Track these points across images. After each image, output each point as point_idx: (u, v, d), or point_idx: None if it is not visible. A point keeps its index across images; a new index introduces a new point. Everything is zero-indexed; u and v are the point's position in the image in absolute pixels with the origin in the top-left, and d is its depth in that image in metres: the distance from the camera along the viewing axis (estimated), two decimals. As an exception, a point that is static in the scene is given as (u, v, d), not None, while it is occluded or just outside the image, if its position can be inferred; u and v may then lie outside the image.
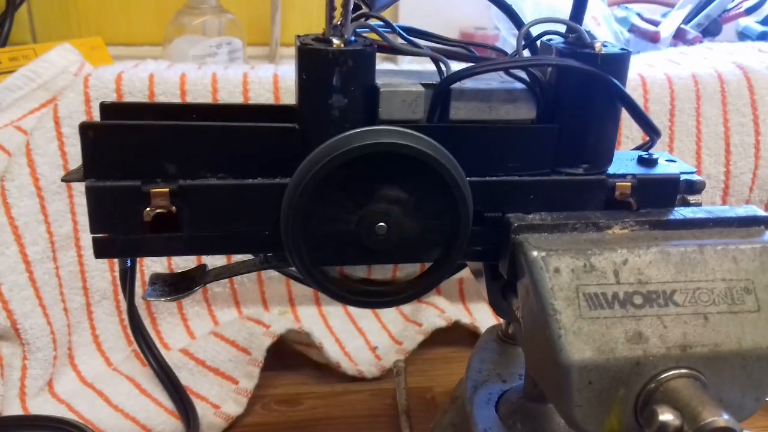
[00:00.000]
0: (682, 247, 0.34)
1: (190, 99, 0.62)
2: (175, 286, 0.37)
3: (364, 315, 0.72)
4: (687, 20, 1.01)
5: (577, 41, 0.34)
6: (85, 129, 0.31)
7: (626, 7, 1.10)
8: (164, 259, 0.65)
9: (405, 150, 0.31)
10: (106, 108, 0.35)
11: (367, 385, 0.64)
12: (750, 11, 1.04)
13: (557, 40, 0.35)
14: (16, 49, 0.77)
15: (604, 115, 0.34)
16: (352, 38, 0.32)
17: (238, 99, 0.63)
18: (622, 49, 0.34)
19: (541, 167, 0.35)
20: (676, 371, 0.32)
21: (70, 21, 0.91)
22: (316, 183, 0.31)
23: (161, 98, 0.61)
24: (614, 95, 0.33)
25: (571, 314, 0.32)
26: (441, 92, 0.33)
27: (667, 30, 0.97)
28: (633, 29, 1.01)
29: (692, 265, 0.33)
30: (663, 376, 0.32)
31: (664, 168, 0.37)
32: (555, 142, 0.34)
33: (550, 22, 0.35)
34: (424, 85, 0.33)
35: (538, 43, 0.36)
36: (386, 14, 1.07)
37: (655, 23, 1.04)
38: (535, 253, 0.33)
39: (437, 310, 0.69)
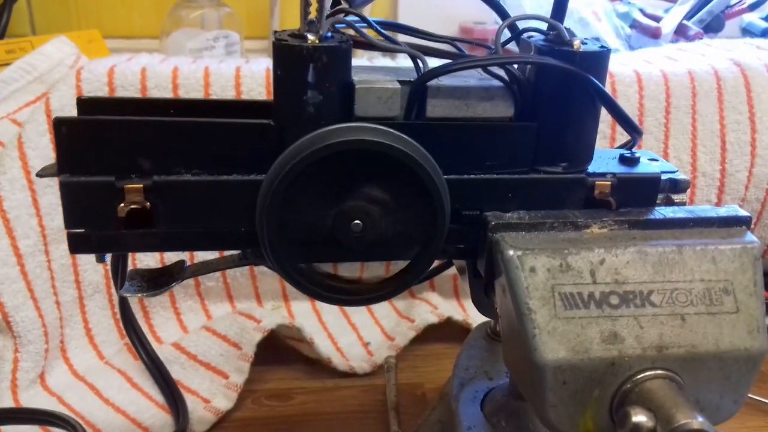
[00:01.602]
0: (660, 247, 0.33)
1: (182, 93, 0.62)
2: (153, 282, 0.37)
3: (357, 310, 0.72)
4: (689, 16, 1.00)
5: (556, 39, 0.34)
6: (59, 124, 0.31)
7: (628, 2, 1.09)
8: (156, 252, 0.66)
9: (379, 147, 0.31)
10: (83, 102, 0.35)
11: (358, 381, 0.64)
12: (753, 7, 1.03)
13: (537, 37, 0.35)
14: (13, 42, 0.77)
15: (582, 114, 0.34)
16: (328, 34, 0.32)
17: (230, 93, 0.63)
18: (601, 47, 0.33)
19: (520, 165, 0.34)
20: (652, 372, 0.32)
21: (69, 13, 0.91)
22: (291, 180, 0.31)
23: (153, 92, 0.61)
24: (593, 93, 0.33)
25: (546, 314, 0.32)
26: (417, 89, 0.33)
27: (668, 26, 0.96)
28: (634, 25, 1.01)
29: (670, 266, 0.33)
30: (638, 377, 0.32)
31: (645, 167, 0.36)
32: (534, 141, 0.34)
33: (530, 18, 0.34)
34: (400, 82, 0.33)
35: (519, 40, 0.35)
36: (384, 9, 1.07)
37: (657, 19, 1.03)
38: (510, 252, 0.33)
39: (430, 306, 0.69)
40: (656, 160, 0.37)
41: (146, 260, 0.65)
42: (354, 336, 0.69)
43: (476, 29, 0.96)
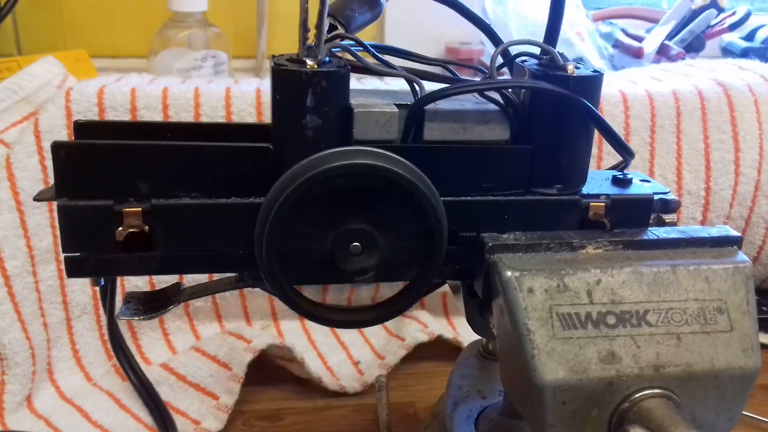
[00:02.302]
0: (655, 267, 0.34)
1: (172, 113, 0.62)
2: (150, 305, 0.36)
3: (347, 329, 0.72)
4: (671, 36, 1.01)
5: (550, 63, 0.34)
6: (57, 149, 0.31)
7: (610, 23, 1.11)
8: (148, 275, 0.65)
9: (378, 171, 0.31)
10: (81, 126, 0.35)
11: (349, 401, 0.64)
12: (734, 27, 1.05)
13: (531, 61, 0.36)
14: (0, 62, 0.76)
15: (577, 136, 0.34)
16: (327, 59, 0.32)
17: (220, 113, 0.63)
18: (594, 71, 0.34)
19: (516, 187, 0.35)
20: (650, 391, 0.32)
21: (55, 33, 0.91)
22: (290, 203, 0.31)
23: (143, 112, 0.61)
24: (587, 116, 0.34)
25: (544, 334, 0.32)
26: (415, 113, 0.33)
27: (650, 46, 0.98)
28: (617, 45, 1.02)
29: (665, 285, 0.34)
30: (636, 396, 0.32)
31: (637, 188, 0.37)
32: (529, 163, 0.34)
33: (524, 44, 0.35)
34: (398, 105, 0.33)
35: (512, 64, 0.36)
36: (371, 29, 1.07)
37: (639, 39, 1.04)
38: (509, 273, 0.33)
39: (420, 325, 0.69)
40: (648, 181, 0.38)
41: (135, 282, 0.65)
42: (344, 355, 0.69)
43: (462, 49, 0.97)
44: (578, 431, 0.33)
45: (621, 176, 0.37)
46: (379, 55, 0.36)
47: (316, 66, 0.32)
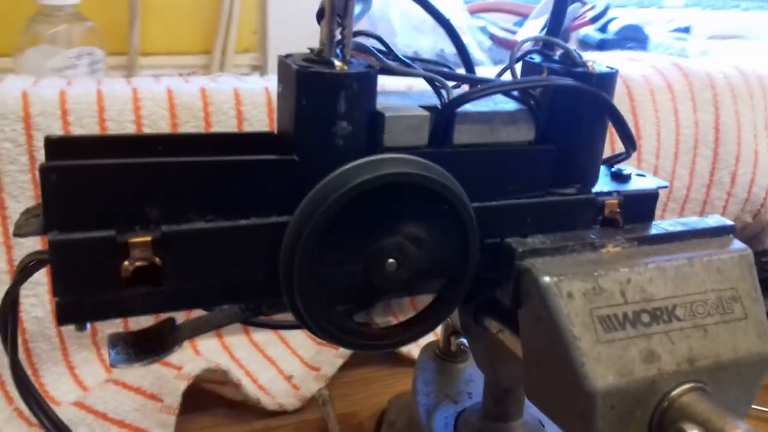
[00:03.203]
0: (674, 261, 0.34)
1: (72, 119, 0.55)
2: (140, 347, 0.32)
3: (270, 342, 0.68)
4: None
5: (566, 60, 0.33)
6: (48, 172, 0.26)
7: (478, 16, 1.13)
8: (45, 301, 0.58)
9: (423, 181, 0.29)
10: (53, 143, 0.29)
11: (288, 419, 0.60)
12: (595, 20, 1.11)
13: (538, 59, 0.35)
14: None
15: (595, 134, 0.34)
16: (352, 60, 0.29)
17: (128, 118, 0.57)
18: (609, 67, 0.34)
19: (538, 189, 0.34)
20: (686, 386, 0.33)
21: None
22: (327, 218, 0.28)
23: (38, 119, 0.54)
24: (608, 114, 0.33)
25: (590, 339, 0.31)
26: (446, 116, 0.31)
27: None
28: (494, 38, 1.05)
29: (686, 279, 0.34)
30: (675, 392, 0.32)
31: (639, 182, 0.37)
32: (551, 163, 0.33)
33: (542, 40, 0.34)
34: (424, 108, 0.31)
35: (520, 63, 0.35)
36: (253, 23, 1.02)
37: (511, 32, 1.08)
38: (547, 279, 0.32)
39: (352, 331, 0.66)
40: (643, 175, 0.38)
41: (34, 311, 0.57)
42: (273, 370, 0.65)
43: (349, 43, 0.95)
44: (623, 433, 0.32)
45: (618, 171, 0.37)
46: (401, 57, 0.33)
47: (345, 67, 0.29)
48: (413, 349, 0.66)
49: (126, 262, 0.27)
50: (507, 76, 0.34)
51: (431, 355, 0.54)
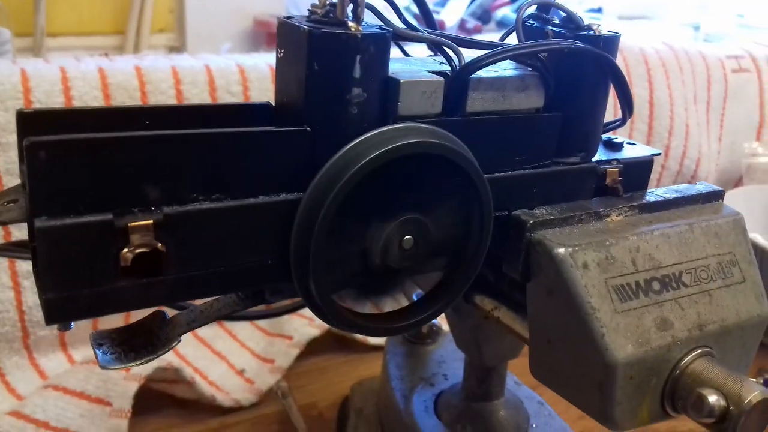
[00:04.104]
0: (677, 227, 0.34)
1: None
2: (129, 345, 0.28)
3: (217, 336, 0.65)
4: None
5: (568, 24, 0.32)
6: (35, 148, 0.22)
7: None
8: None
9: (446, 152, 0.27)
10: (26, 118, 0.25)
11: (245, 415, 0.57)
12: (513, 0, 1.12)
13: (535, 23, 0.33)
14: None
15: (600, 101, 0.33)
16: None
17: (58, 100, 0.52)
18: (610, 31, 0.33)
19: (544, 158, 0.33)
20: (696, 352, 0.32)
21: None
22: (347, 193, 0.26)
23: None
24: (613, 79, 0.32)
25: (607, 310, 0.31)
26: (460, 82, 0.29)
27: (452, 19, 1.01)
28: (417, 17, 1.03)
29: (688, 245, 0.34)
30: (686, 358, 0.32)
31: (633, 150, 0.37)
32: (558, 131, 0.32)
33: (544, 4, 0.32)
34: (434, 73, 0.29)
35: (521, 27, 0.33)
36: (169, 2, 0.97)
37: (434, 12, 1.07)
38: (561, 250, 0.31)
39: (305, 319, 0.64)
40: (632, 143, 0.38)
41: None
42: (224, 366, 0.62)
43: (274, 22, 0.92)
44: (639, 404, 0.32)
45: (610, 140, 0.37)
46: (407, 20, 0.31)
47: (360, 29, 0.26)
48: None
49: (125, 249, 0.24)
50: (510, 41, 0.33)
51: (400, 338, 0.53)
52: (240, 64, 0.59)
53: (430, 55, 0.35)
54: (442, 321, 0.54)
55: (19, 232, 0.53)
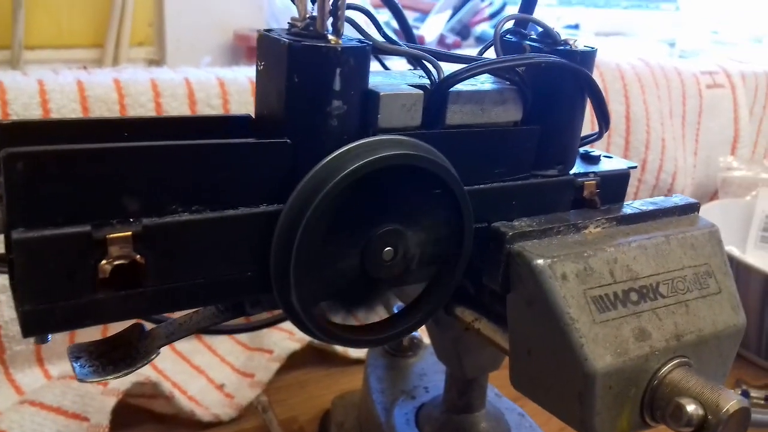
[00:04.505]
0: (653, 239, 0.34)
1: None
2: (107, 358, 0.28)
3: (196, 351, 0.64)
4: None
5: (545, 39, 0.33)
6: (13, 160, 0.22)
7: (381, 12, 1.13)
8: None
9: (426, 164, 0.27)
10: (5, 128, 0.25)
11: (224, 430, 0.57)
12: (493, 16, 1.13)
13: (513, 38, 0.34)
14: None
15: (577, 115, 0.34)
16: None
17: (36, 113, 0.51)
18: (586, 46, 0.33)
19: (522, 171, 0.33)
20: (673, 362, 0.33)
21: None
22: (327, 204, 0.26)
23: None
24: (589, 92, 0.33)
25: (586, 321, 0.31)
26: (440, 95, 0.29)
27: (431, 34, 1.01)
28: (397, 33, 1.04)
29: (665, 256, 0.34)
30: (664, 368, 0.32)
31: (610, 164, 0.37)
32: (536, 144, 0.33)
33: (522, 19, 0.33)
34: (414, 86, 0.29)
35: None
36: (149, 15, 0.97)
37: (414, 27, 1.08)
38: (540, 261, 0.31)
39: (285, 333, 0.64)
40: (609, 157, 0.38)
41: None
42: (203, 380, 0.61)
43: (254, 36, 0.92)
44: (618, 414, 0.32)
45: (587, 153, 0.37)
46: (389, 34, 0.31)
47: (340, 42, 0.26)
48: (349, 349, 0.65)
49: (104, 261, 0.24)
50: (489, 55, 0.33)
51: (380, 351, 0.53)
52: (220, 78, 0.59)
53: (410, 69, 0.35)
54: (422, 334, 0.54)
55: (-5, 246, 0.53)
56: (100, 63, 0.91)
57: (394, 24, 0.39)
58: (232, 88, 0.59)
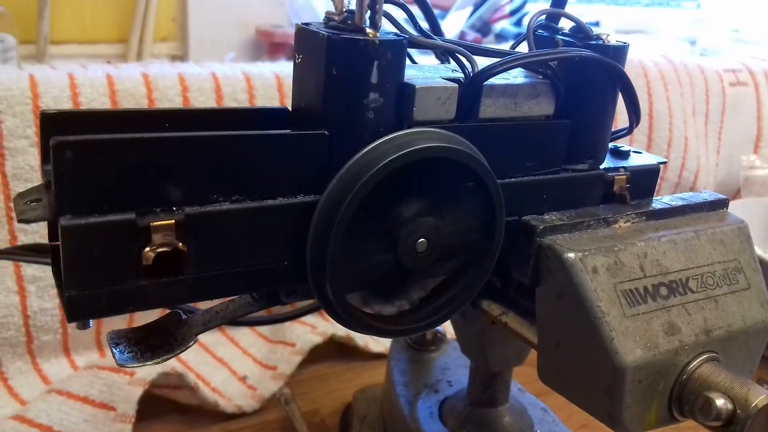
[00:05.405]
0: (683, 234, 0.34)
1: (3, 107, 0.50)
2: (146, 345, 0.29)
3: (219, 343, 0.65)
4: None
5: (577, 33, 0.33)
6: (62, 148, 0.23)
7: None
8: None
9: (461, 157, 0.28)
10: (50, 119, 0.26)
11: (247, 421, 0.58)
12: (513, 13, 1.13)
13: (547, 32, 0.34)
14: None
15: (608, 109, 0.34)
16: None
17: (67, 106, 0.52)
18: (618, 41, 0.33)
19: (553, 165, 0.33)
20: (702, 357, 0.33)
21: None
22: (364, 196, 0.26)
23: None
24: (621, 87, 0.33)
25: (616, 314, 0.31)
26: (473, 89, 0.30)
27: (451, 31, 1.02)
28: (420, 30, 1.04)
29: (695, 251, 0.34)
30: (693, 363, 0.33)
31: (640, 159, 0.37)
32: (567, 138, 0.33)
33: (554, 14, 0.33)
34: (448, 80, 0.30)
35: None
36: (173, 10, 0.98)
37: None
38: (571, 255, 0.31)
39: (307, 327, 0.64)
40: (639, 152, 0.38)
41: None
42: (226, 372, 0.62)
43: (276, 32, 0.93)
44: (647, 407, 0.32)
45: (617, 148, 0.37)
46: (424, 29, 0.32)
47: (378, 35, 0.27)
48: (370, 343, 0.65)
49: (147, 248, 0.24)
50: (521, 49, 0.33)
51: (403, 345, 0.53)
52: (246, 72, 0.59)
53: (439, 63, 0.36)
54: (446, 328, 0.54)
55: (25, 237, 0.54)
56: (124, 58, 0.92)
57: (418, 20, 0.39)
58: (258, 83, 0.59)
